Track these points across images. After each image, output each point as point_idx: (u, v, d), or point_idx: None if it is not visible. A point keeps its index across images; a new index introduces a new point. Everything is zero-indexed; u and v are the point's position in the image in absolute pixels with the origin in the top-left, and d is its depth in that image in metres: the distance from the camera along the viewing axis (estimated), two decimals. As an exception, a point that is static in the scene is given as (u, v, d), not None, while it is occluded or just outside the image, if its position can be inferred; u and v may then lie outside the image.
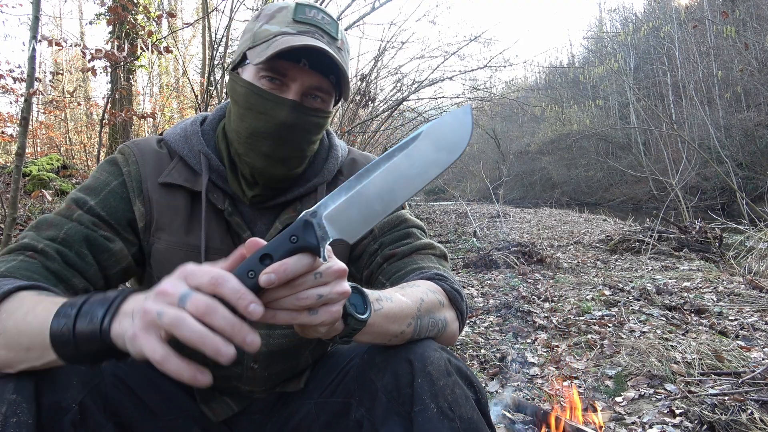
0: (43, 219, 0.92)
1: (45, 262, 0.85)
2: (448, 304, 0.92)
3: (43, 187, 5.63)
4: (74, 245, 0.88)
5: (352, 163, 1.11)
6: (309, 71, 0.91)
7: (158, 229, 0.96)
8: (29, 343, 0.68)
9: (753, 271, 4.63)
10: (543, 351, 2.63)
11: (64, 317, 0.64)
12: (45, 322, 0.66)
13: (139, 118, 7.57)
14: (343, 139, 7.70)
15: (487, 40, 10.32)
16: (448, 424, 0.77)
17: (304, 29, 0.90)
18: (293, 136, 0.94)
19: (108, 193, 0.95)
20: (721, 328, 2.87)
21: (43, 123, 10.69)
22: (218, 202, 0.98)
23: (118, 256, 0.93)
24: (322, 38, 0.91)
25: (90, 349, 0.63)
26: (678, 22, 22.05)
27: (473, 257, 5.47)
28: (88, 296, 0.67)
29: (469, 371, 0.85)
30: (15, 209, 2.70)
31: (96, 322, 0.62)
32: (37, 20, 2.78)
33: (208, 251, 0.96)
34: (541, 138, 31.66)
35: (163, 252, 0.96)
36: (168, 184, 0.97)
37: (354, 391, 0.92)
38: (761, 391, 1.93)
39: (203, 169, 0.98)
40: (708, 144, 17.61)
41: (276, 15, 0.93)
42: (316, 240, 0.62)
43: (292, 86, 0.92)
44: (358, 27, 6.94)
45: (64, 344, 0.64)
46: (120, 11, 5.06)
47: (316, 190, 1.03)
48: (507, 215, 11.80)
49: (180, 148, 1.00)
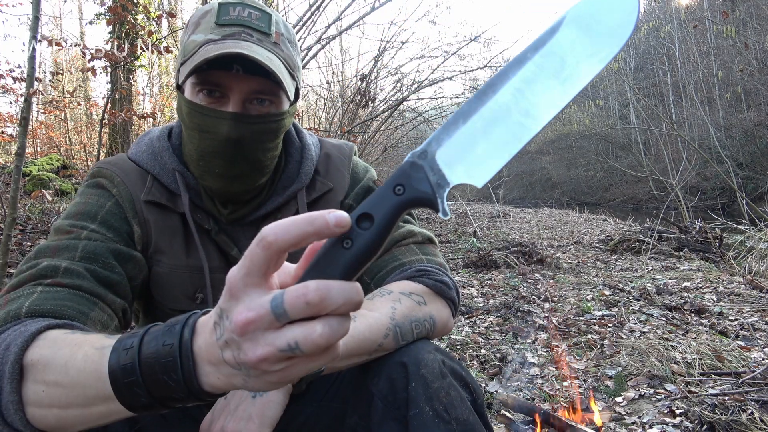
0: (44, 246, 0.81)
1: (74, 283, 0.74)
2: (433, 298, 0.90)
3: (43, 187, 5.64)
4: (99, 258, 0.81)
5: (326, 158, 1.05)
6: (244, 76, 0.84)
7: (157, 251, 0.92)
8: (83, 396, 0.54)
9: (753, 271, 4.63)
10: (543, 351, 2.63)
11: (120, 356, 0.51)
12: (97, 366, 0.53)
13: (139, 118, 7.57)
14: (343, 139, 7.70)
15: (487, 40, 10.27)
16: (443, 426, 0.76)
17: (230, 32, 0.84)
18: (243, 150, 0.87)
19: (105, 214, 0.88)
20: (721, 328, 2.87)
21: (43, 123, 10.69)
22: (203, 222, 0.94)
23: (140, 264, 0.88)
24: (250, 37, 0.84)
25: (166, 392, 0.49)
26: (678, 22, 22.06)
27: (473, 257, 5.47)
28: (146, 329, 0.52)
29: (464, 372, 0.84)
30: (15, 209, 2.69)
31: (173, 367, 0.47)
32: (37, 20, 2.78)
33: (210, 271, 0.93)
34: (541, 138, 31.60)
35: (165, 275, 0.93)
36: (156, 204, 0.92)
37: (349, 397, 0.91)
38: (761, 391, 1.93)
39: (181, 189, 0.92)
40: (708, 144, 17.60)
41: (201, 22, 0.87)
42: (431, 187, 0.47)
43: (231, 96, 0.85)
44: (358, 27, 6.93)
45: (131, 392, 0.50)
46: (120, 11, 5.06)
47: (296, 197, 0.98)
48: (507, 215, 11.80)
49: (151, 167, 0.94)
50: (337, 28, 6.73)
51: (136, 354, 0.49)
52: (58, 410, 0.56)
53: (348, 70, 11.55)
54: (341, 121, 8.51)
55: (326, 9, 3.33)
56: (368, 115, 9.39)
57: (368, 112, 9.37)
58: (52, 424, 0.57)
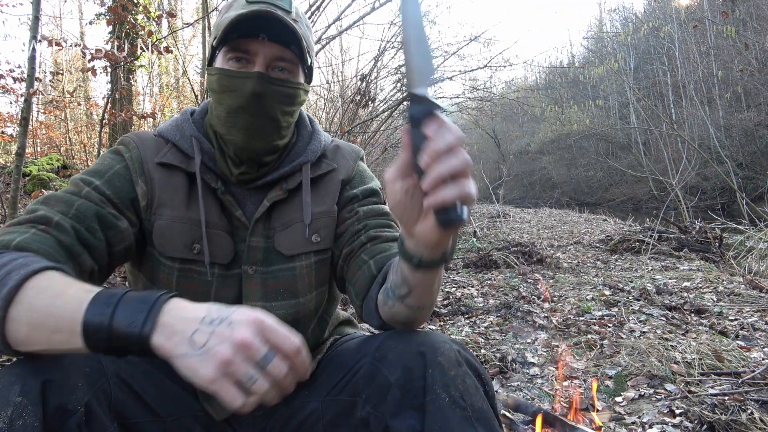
0: (52, 195, 0.93)
1: (59, 236, 0.86)
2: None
3: (43, 187, 5.64)
4: (86, 220, 0.91)
5: (336, 149, 1.16)
6: (269, 43, 0.97)
7: (160, 205, 1.01)
8: (56, 326, 0.68)
9: (753, 271, 4.63)
10: (543, 351, 2.63)
11: (100, 310, 0.67)
12: (77, 309, 0.67)
13: (139, 118, 7.58)
14: (343, 139, 7.71)
15: (487, 40, 10.28)
16: (460, 412, 0.79)
17: (257, 8, 0.95)
18: (265, 105, 0.99)
19: (113, 174, 1.00)
20: (721, 328, 2.87)
21: (43, 123, 10.68)
22: (211, 181, 1.03)
23: (124, 234, 0.97)
24: (275, 12, 0.96)
25: (122, 346, 0.66)
26: (678, 22, 22.05)
27: (473, 257, 5.47)
28: (124, 291, 0.69)
29: (477, 363, 0.87)
30: (15, 209, 2.69)
31: (135, 327, 0.65)
32: (37, 20, 2.78)
33: (208, 225, 1.01)
34: (541, 138, 31.64)
35: (166, 226, 1.00)
36: (165, 165, 1.03)
37: (362, 389, 0.93)
38: (761, 391, 1.93)
39: (195, 151, 1.03)
40: (708, 144, 17.61)
41: (233, 4, 1.00)
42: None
43: (256, 60, 0.98)
44: (358, 27, 6.93)
45: (98, 337, 0.66)
46: (120, 11, 5.06)
47: (301, 169, 1.07)
48: (507, 215, 11.80)
49: (172, 136, 1.06)
50: (337, 28, 6.72)
51: (112, 308, 0.66)
52: (28, 328, 0.69)
53: (348, 70, 11.54)
54: (341, 121, 8.51)
55: (326, 9, 3.37)
56: (368, 115, 9.39)
57: (368, 112, 9.37)
58: (19, 339, 0.70)
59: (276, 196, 1.04)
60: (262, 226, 1.04)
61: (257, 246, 1.03)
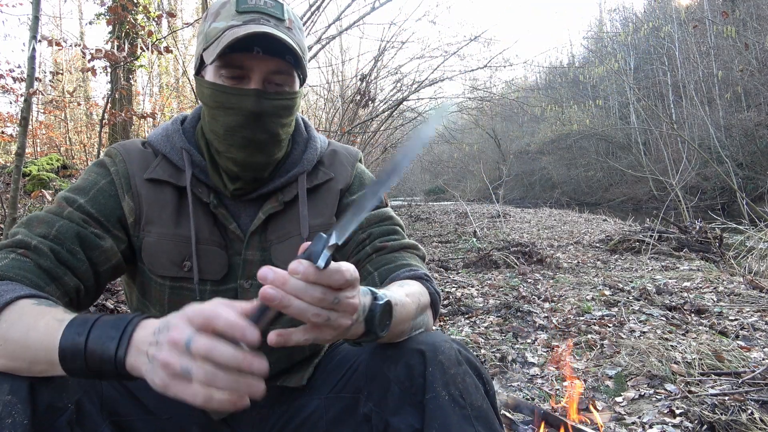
0: (34, 216, 0.93)
1: (38, 260, 0.85)
2: (428, 305, 0.95)
3: (43, 187, 5.64)
4: (66, 242, 0.89)
5: (333, 154, 1.13)
6: (264, 57, 0.94)
7: (148, 222, 0.99)
8: (33, 357, 0.69)
9: (753, 271, 4.63)
10: (543, 351, 2.63)
11: (72, 338, 0.66)
12: (51, 339, 0.67)
13: (139, 118, 7.57)
14: (343, 139, 7.71)
15: (487, 40, 10.25)
16: (459, 411, 0.79)
17: (249, 18, 0.93)
18: (264, 123, 0.97)
19: (97, 191, 0.97)
20: (721, 328, 2.87)
21: (43, 123, 10.67)
22: (203, 195, 1.01)
23: (108, 254, 0.95)
24: (268, 22, 0.93)
25: (101, 370, 0.66)
26: (678, 22, 22.04)
27: (473, 257, 5.47)
28: (95, 318, 0.68)
29: (478, 362, 0.88)
30: (15, 209, 2.69)
31: (109, 353, 0.65)
32: (37, 20, 2.78)
33: (198, 242, 0.99)
34: (541, 138, 31.61)
35: (155, 244, 0.98)
36: (154, 180, 1.00)
37: (363, 386, 0.93)
38: (761, 391, 1.93)
39: (186, 165, 1.00)
40: (708, 144, 17.61)
41: (221, 11, 0.96)
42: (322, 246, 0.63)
43: (252, 76, 0.94)
44: (358, 27, 6.93)
45: (75, 364, 0.66)
46: (120, 11, 5.06)
47: (297, 180, 1.05)
48: (507, 215, 11.80)
49: (162, 146, 1.03)
50: (337, 28, 6.73)
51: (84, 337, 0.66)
52: (5, 360, 0.71)
53: (348, 70, 11.55)
54: (341, 121, 8.52)
55: (326, 9, 3.37)
56: (368, 115, 9.39)
57: (368, 112, 9.37)
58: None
59: (272, 209, 1.02)
60: (258, 238, 1.02)
61: (253, 259, 1.02)
